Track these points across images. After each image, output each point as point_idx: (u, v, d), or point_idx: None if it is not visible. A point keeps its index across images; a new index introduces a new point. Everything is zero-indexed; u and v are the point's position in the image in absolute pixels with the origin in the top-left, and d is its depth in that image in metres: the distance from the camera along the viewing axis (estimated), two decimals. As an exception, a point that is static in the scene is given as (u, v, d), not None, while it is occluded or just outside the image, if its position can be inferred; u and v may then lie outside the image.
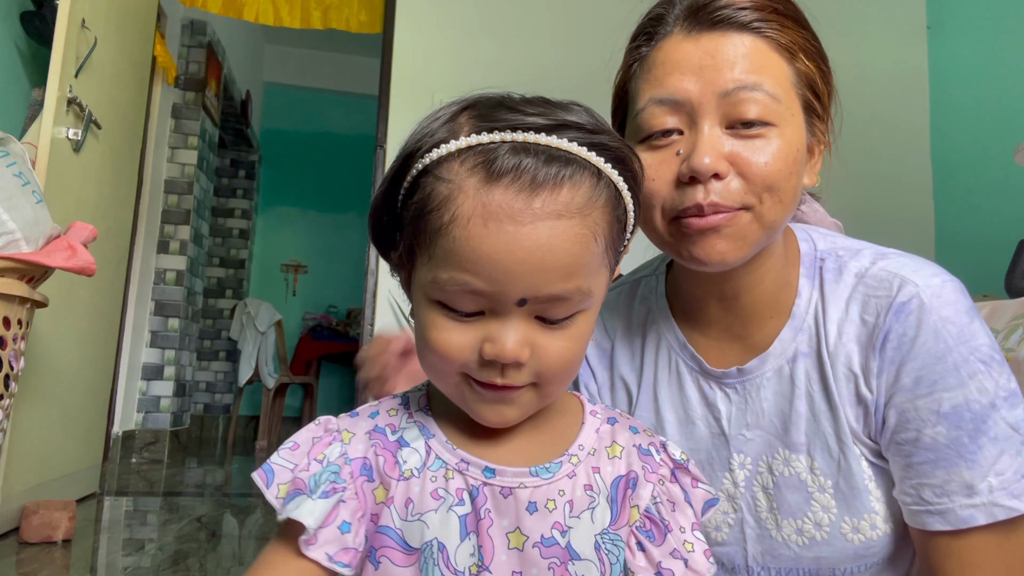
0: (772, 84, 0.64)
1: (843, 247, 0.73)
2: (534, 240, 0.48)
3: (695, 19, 0.66)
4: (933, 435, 0.64)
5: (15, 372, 1.68)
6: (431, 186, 0.51)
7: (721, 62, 0.63)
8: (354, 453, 0.56)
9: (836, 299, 0.70)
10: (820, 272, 0.72)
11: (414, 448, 0.57)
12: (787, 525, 0.71)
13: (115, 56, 2.55)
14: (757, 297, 0.71)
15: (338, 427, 0.58)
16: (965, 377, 0.64)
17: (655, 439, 0.61)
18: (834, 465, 0.69)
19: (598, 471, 0.57)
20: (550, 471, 0.56)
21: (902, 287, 0.66)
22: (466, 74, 3.11)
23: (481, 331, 0.51)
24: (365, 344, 1.18)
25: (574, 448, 0.58)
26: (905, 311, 0.65)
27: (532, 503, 0.55)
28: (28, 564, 1.79)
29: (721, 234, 0.63)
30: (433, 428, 0.58)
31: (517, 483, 0.55)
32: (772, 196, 0.63)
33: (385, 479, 0.55)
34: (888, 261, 0.70)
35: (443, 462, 0.56)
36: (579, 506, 0.55)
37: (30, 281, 1.70)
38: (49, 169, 2.05)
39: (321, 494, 0.54)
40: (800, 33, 0.67)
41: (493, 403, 0.53)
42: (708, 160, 0.62)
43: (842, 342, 0.69)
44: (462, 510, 0.54)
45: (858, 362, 0.68)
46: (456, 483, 0.55)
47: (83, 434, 2.57)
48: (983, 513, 0.62)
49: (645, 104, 0.66)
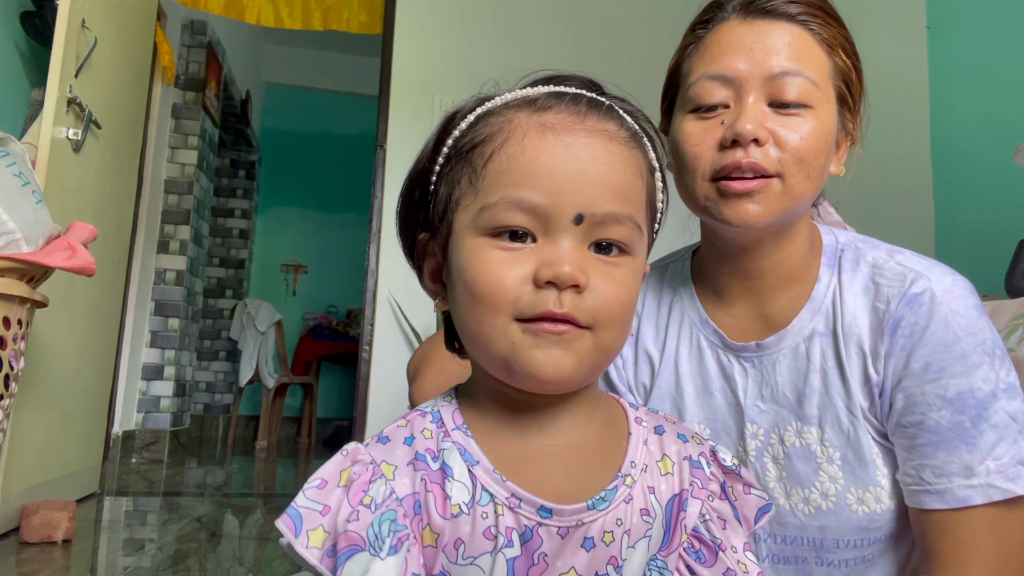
0: (812, 72, 0.70)
1: (862, 241, 0.79)
2: (590, 151, 0.49)
3: (750, 8, 0.73)
4: (937, 418, 0.68)
5: (15, 372, 1.68)
6: (481, 126, 0.52)
7: (769, 46, 0.71)
8: (402, 490, 0.49)
9: (852, 286, 0.75)
10: (839, 261, 0.77)
11: (458, 479, 0.50)
12: (795, 494, 0.75)
13: (115, 56, 2.55)
14: (779, 278, 0.77)
15: (372, 458, 0.51)
16: (971, 366, 0.68)
17: (704, 447, 0.58)
18: (843, 437, 0.73)
19: (653, 491, 0.53)
20: (606, 500, 0.51)
21: (915, 280, 0.71)
22: (466, 74, 3.11)
23: (534, 258, 0.48)
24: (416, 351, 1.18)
25: (626, 466, 0.53)
26: (918, 302, 0.70)
27: (589, 539, 0.50)
28: (28, 564, 1.79)
29: (753, 198, 0.70)
30: (475, 452, 0.51)
31: (575, 521, 0.50)
32: (801, 170, 0.70)
33: (433, 517, 0.49)
34: (903, 256, 0.75)
35: (491, 495, 0.50)
36: (636, 534, 0.51)
37: (30, 281, 1.70)
38: (49, 169, 2.05)
39: (390, 550, 0.46)
40: (840, 31, 0.74)
41: (549, 347, 0.47)
42: (751, 126, 0.68)
43: (856, 324, 0.74)
44: (511, 552, 0.49)
45: (868, 344, 0.73)
46: (507, 521, 0.49)
47: (83, 434, 2.57)
48: (980, 494, 0.66)
49: (698, 78, 0.73)
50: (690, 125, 0.73)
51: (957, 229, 3.01)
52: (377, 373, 2.90)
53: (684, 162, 0.73)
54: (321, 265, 6.22)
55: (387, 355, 2.92)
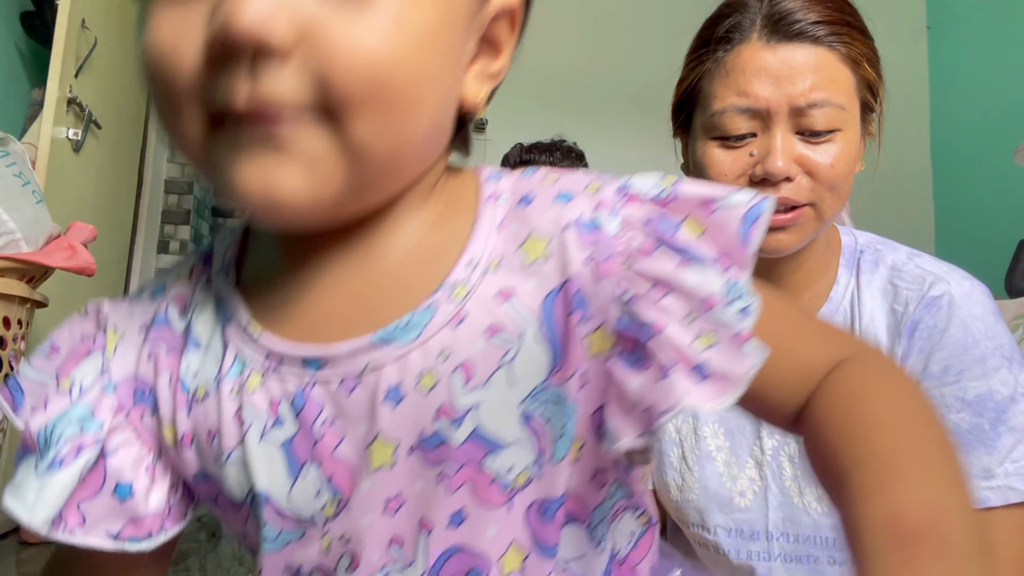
0: (839, 96, 0.70)
1: (881, 243, 0.80)
2: None
3: (774, 29, 0.71)
4: (957, 420, 0.69)
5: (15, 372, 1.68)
6: None
7: (796, 74, 0.69)
8: (119, 371, 0.38)
9: (870, 287, 0.76)
10: (858, 263, 0.78)
11: (203, 346, 0.37)
12: (808, 492, 0.75)
13: (115, 56, 2.55)
14: (800, 278, 0.78)
15: (106, 319, 0.39)
16: (990, 369, 0.69)
17: (605, 191, 0.37)
18: None
19: (509, 296, 0.35)
20: (413, 328, 0.34)
21: (934, 284, 0.72)
22: (466, 74, 3.10)
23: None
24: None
25: (458, 271, 0.35)
26: (936, 305, 0.71)
27: (393, 389, 0.34)
28: (28, 564, 1.79)
29: (786, 230, 0.70)
30: (232, 304, 0.37)
31: (362, 366, 0.34)
32: (834, 195, 0.71)
33: (163, 409, 0.37)
34: (922, 259, 0.76)
35: (243, 363, 0.36)
36: (483, 367, 0.34)
37: (30, 281, 1.70)
38: (49, 169, 2.05)
39: (53, 464, 0.35)
40: (865, 43, 0.73)
41: (256, 157, 0.31)
42: (782, 164, 0.68)
43: (873, 325, 0.74)
44: (281, 434, 0.35)
45: (885, 345, 0.73)
46: (270, 392, 0.35)
47: (83, 434, 2.57)
48: (998, 495, 0.67)
49: (726, 108, 0.72)
50: (716, 153, 0.72)
51: (957, 229, 3.01)
52: (377, 373, 2.90)
53: None
54: (321, 265, 6.21)
55: (387, 355, 2.92)
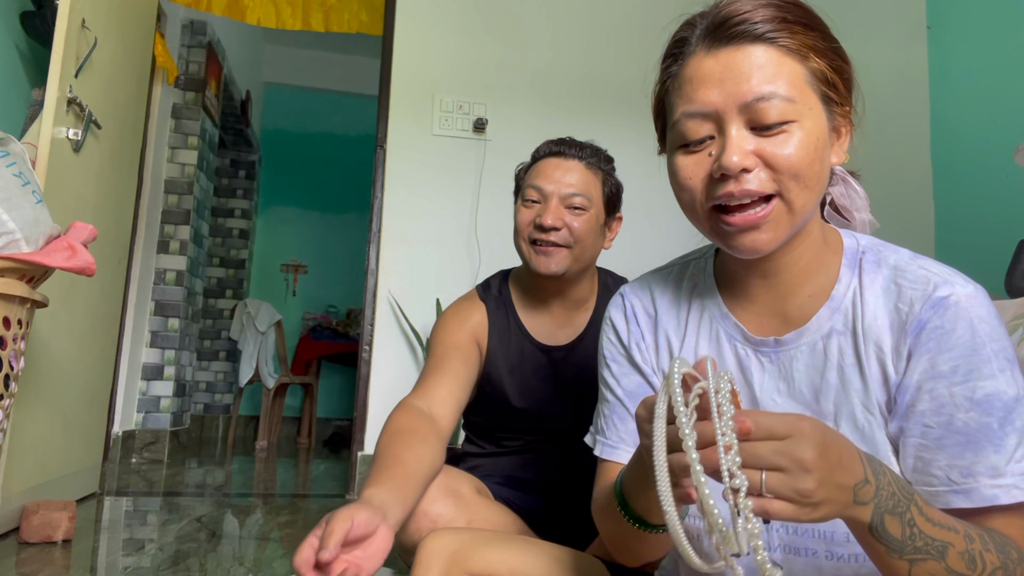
0: (786, 88, 0.71)
1: (883, 245, 0.81)
2: None
3: (713, 37, 0.73)
4: (965, 420, 0.70)
5: (15, 372, 1.68)
6: None
7: (739, 74, 0.71)
8: None
9: (873, 287, 0.77)
10: (860, 263, 0.79)
11: None
12: None
13: (115, 56, 2.55)
14: (795, 275, 0.79)
15: None
16: (996, 370, 0.70)
17: None
18: (858, 434, 0.75)
19: None
20: None
21: (940, 285, 0.73)
22: (466, 74, 3.11)
23: None
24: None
25: None
26: (942, 306, 0.72)
27: None
28: (28, 564, 1.79)
29: (760, 228, 0.72)
30: None
31: None
32: (798, 183, 0.71)
33: None
34: (925, 261, 0.77)
35: None
36: None
37: (30, 281, 1.70)
38: (49, 169, 2.05)
39: None
40: (809, 36, 0.73)
41: None
42: (736, 159, 0.70)
43: (876, 324, 0.76)
44: None
45: (889, 344, 0.75)
46: None
47: (83, 434, 2.57)
48: (1005, 494, 0.68)
49: (679, 117, 0.75)
50: (681, 160, 0.75)
51: (957, 229, 3.01)
52: (377, 373, 2.90)
53: (681, 197, 0.77)
54: (321, 265, 6.22)
55: (387, 355, 2.92)
